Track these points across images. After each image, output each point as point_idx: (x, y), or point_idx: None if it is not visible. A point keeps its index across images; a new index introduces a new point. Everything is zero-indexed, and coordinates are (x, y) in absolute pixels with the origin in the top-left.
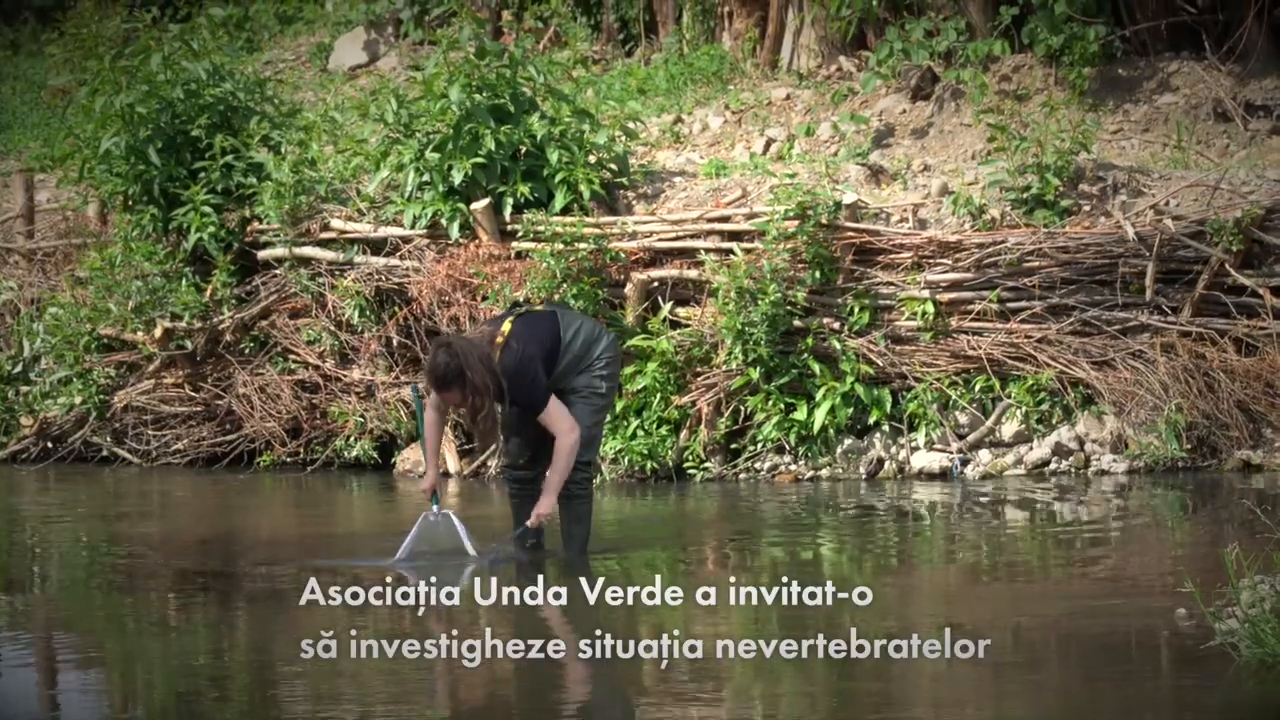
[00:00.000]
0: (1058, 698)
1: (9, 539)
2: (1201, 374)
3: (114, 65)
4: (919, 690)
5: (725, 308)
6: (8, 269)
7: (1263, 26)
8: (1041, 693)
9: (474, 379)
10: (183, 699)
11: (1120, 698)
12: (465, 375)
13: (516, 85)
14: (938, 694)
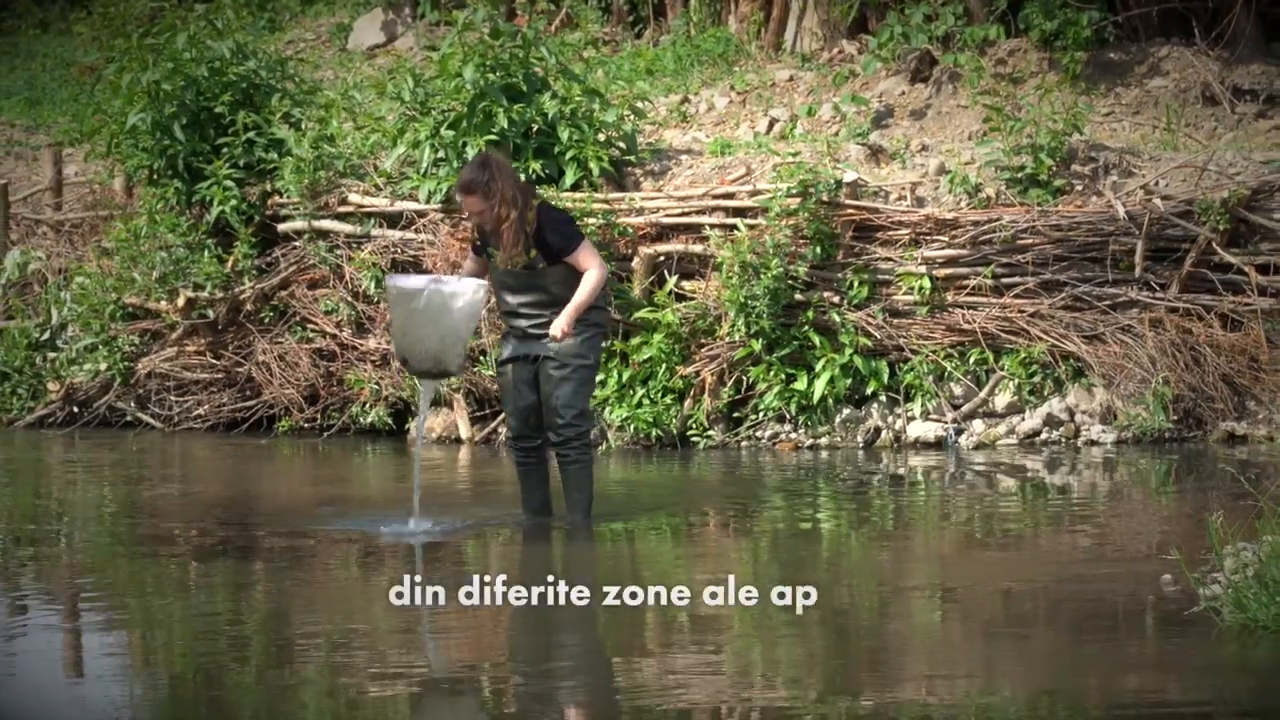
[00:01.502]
0: (1044, 656)
1: (36, 500)
2: (1188, 348)
3: (140, 44)
4: (914, 653)
5: (729, 281)
6: (36, 239)
7: (1250, 13)
8: (1031, 656)
9: (502, 189)
10: (201, 656)
11: (1107, 660)
12: (493, 184)
13: (529, 65)
14: (931, 658)
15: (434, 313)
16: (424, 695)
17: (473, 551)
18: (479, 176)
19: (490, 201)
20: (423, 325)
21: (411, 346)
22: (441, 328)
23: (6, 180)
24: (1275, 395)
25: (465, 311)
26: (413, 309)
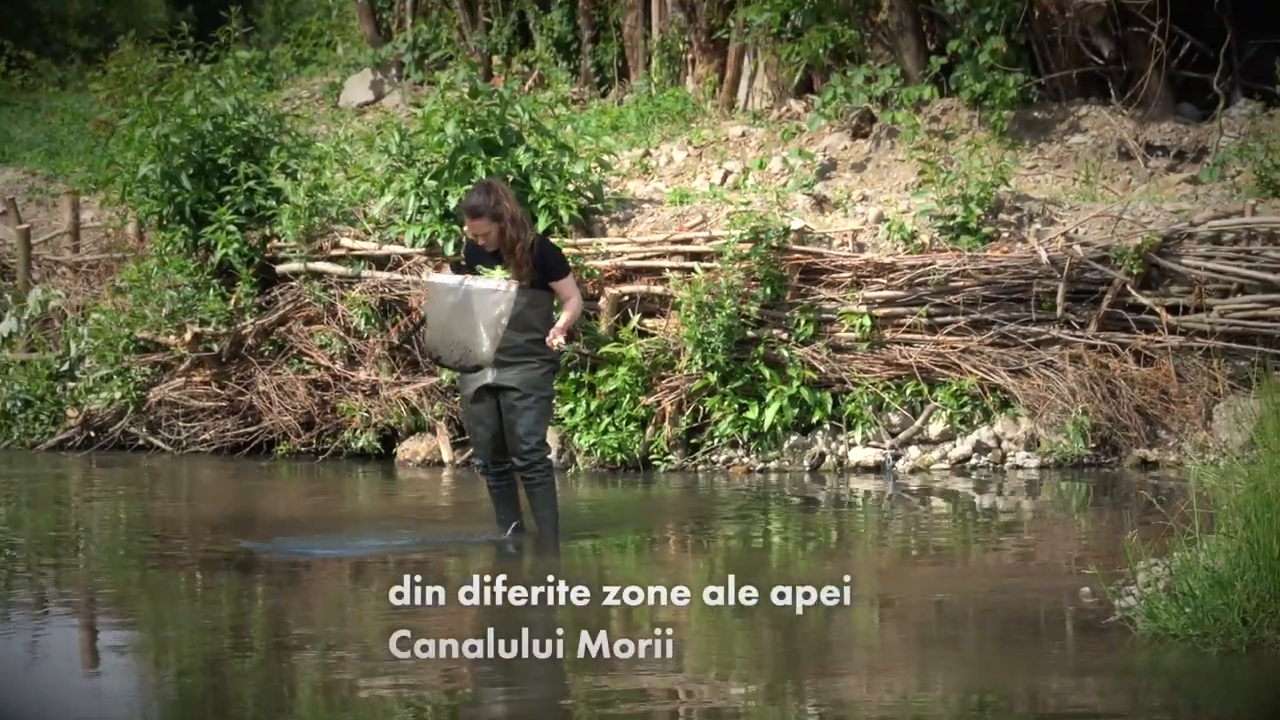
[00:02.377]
0: (976, 664)
1: (57, 516)
2: (1105, 382)
3: (151, 100)
4: (854, 657)
5: (687, 319)
6: (56, 279)
7: (1161, 77)
8: (957, 655)
9: (511, 211)
10: (208, 658)
11: (1031, 664)
12: (500, 206)
13: (505, 122)
14: (871, 661)
15: (467, 306)
16: (399, 689)
17: (460, 560)
18: (486, 200)
19: (500, 223)
20: (457, 318)
21: (445, 339)
22: (473, 320)
23: (29, 225)
24: (1184, 425)
25: (497, 305)
26: (448, 302)
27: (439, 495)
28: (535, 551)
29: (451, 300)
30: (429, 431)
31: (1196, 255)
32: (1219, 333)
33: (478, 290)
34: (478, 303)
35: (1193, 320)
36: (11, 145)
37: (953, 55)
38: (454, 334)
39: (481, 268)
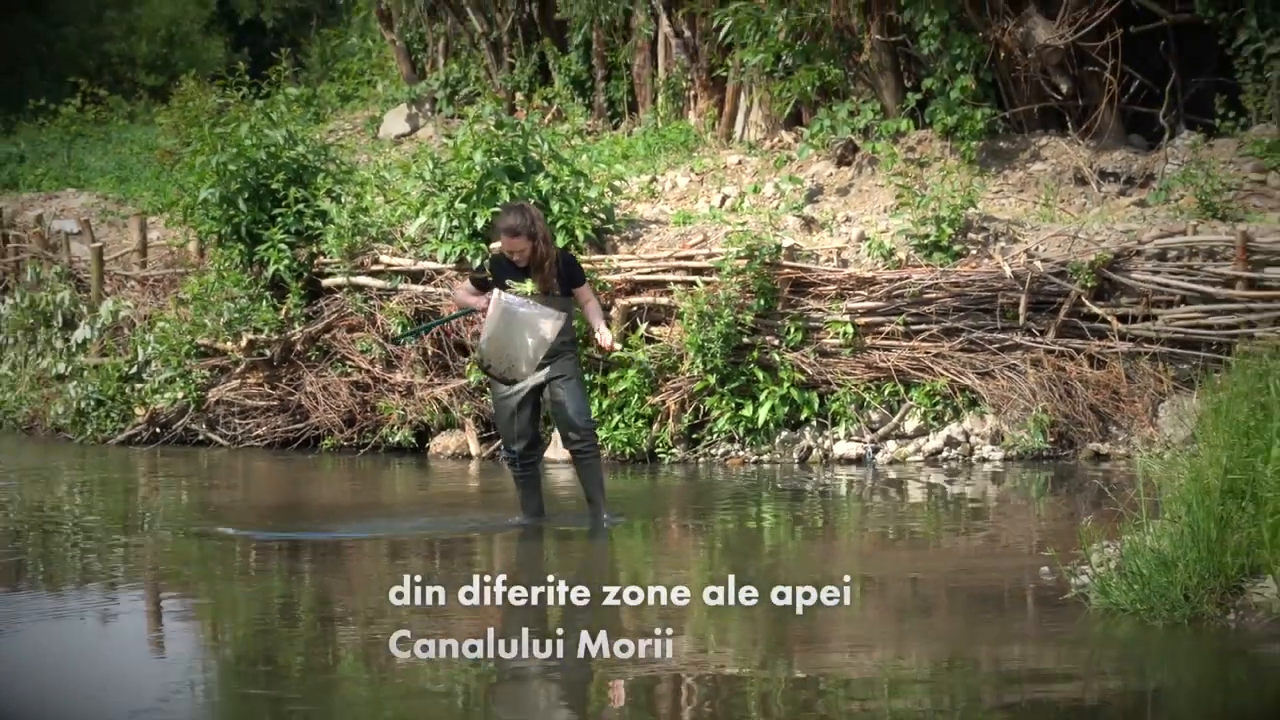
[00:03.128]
0: (941, 631)
1: (125, 502)
2: (1062, 383)
3: (211, 132)
4: (837, 631)
5: (689, 327)
6: (126, 291)
7: (1113, 110)
8: (930, 627)
9: (542, 231)
10: (262, 638)
11: (995, 636)
12: (534, 226)
13: (527, 151)
14: (852, 634)
15: (526, 326)
16: (412, 656)
17: (483, 549)
18: (523, 221)
19: (534, 241)
20: (516, 336)
21: (499, 353)
22: (524, 339)
23: (102, 243)
24: (1132, 421)
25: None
26: (513, 322)
27: (465, 484)
28: (591, 530)
29: (516, 321)
30: (458, 428)
31: (1144, 270)
32: (1164, 339)
33: (539, 314)
34: (539, 324)
35: (1140, 328)
36: (86, 172)
37: (927, 92)
38: (507, 349)
39: (511, 281)
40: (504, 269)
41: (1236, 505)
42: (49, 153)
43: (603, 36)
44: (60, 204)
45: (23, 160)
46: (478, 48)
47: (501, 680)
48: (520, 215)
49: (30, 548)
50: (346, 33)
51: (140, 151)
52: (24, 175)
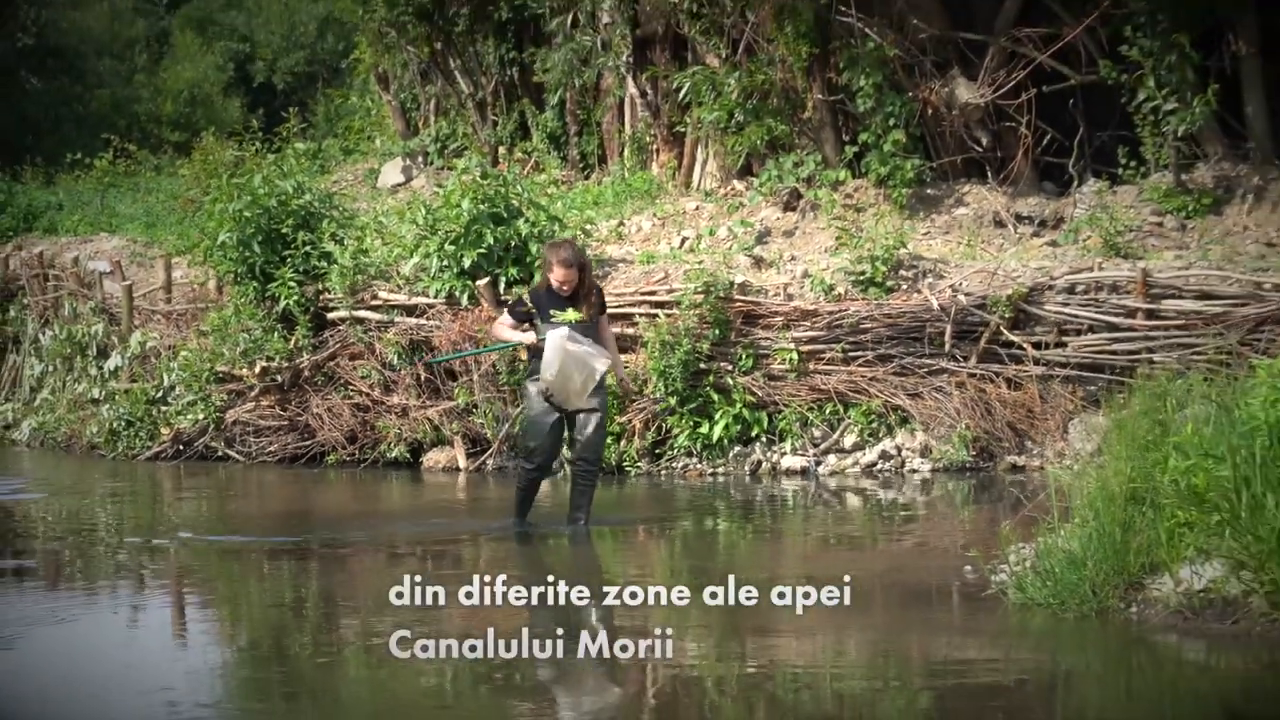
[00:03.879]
0: (880, 627)
1: (152, 512)
2: (983, 403)
3: (228, 182)
4: (785, 622)
5: (652, 355)
6: (153, 324)
7: (1028, 161)
8: (866, 621)
9: (587, 263)
10: (274, 636)
11: (924, 626)
12: (583, 259)
13: (508, 199)
14: (798, 624)
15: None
16: (410, 650)
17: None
18: (575, 253)
19: (584, 272)
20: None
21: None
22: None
23: (131, 282)
24: (1045, 436)
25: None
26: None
27: (455, 494)
28: (573, 535)
29: (575, 359)
30: (448, 444)
31: (1055, 302)
32: (1073, 364)
33: (595, 354)
34: (594, 363)
35: (1052, 354)
36: (117, 218)
37: (863, 145)
38: (568, 383)
39: (554, 310)
40: (546, 300)
41: (1138, 511)
42: (84, 201)
43: (575, 97)
44: (94, 247)
45: (61, 208)
46: (465, 107)
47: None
48: (572, 249)
49: (68, 550)
50: (348, 94)
51: (166, 200)
52: (62, 222)
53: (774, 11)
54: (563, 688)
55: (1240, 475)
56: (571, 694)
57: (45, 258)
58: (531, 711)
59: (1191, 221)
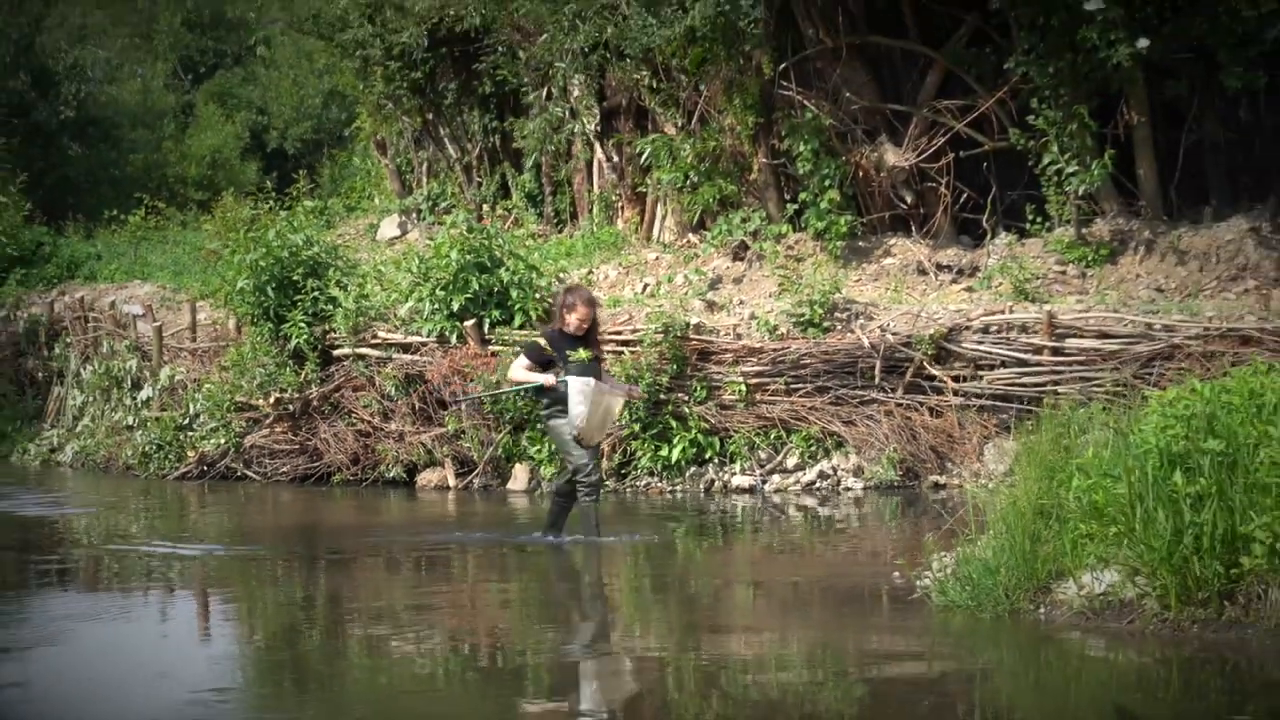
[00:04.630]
0: (815, 623)
1: (180, 525)
2: (909, 429)
3: (245, 236)
4: (731, 617)
5: None
6: (179, 360)
7: (947, 217)
8: (806, 620)
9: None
10: (287, 633)
11: (858, 625)
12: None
13: (491, 250)
14: (745, 621)
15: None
16: (414, 645)
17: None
18: (593, 296)
19: (597, 314)
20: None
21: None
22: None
23: (161, 323)
24: (964, 458)
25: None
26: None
27: (446, 508)
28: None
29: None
30: (440, 465)
31: (971, 341)
32: (987, 394)
33: (618, 396)
34: (615, 405)
35: (969, 386)
36: (148, 267)
37: (802, 203)
38: (596, 425)
39: (569, 350)
40: (561, 342)
41: (1045, 524)
42: (120, 252)
43: (550, 161)
44: (128, 292)
45: (99, 258)
46: (453, 170)
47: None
48: (588, 292)
49: (105, 557)
50: (350, 158)
51: (191, 251)
52: (100, 270)
53: (724, 86)
54: (546, 675)
55: (1135, 493)
56: (555, 680)
57: (85, 302)
58: (512, 694)
59: (1091, 270)
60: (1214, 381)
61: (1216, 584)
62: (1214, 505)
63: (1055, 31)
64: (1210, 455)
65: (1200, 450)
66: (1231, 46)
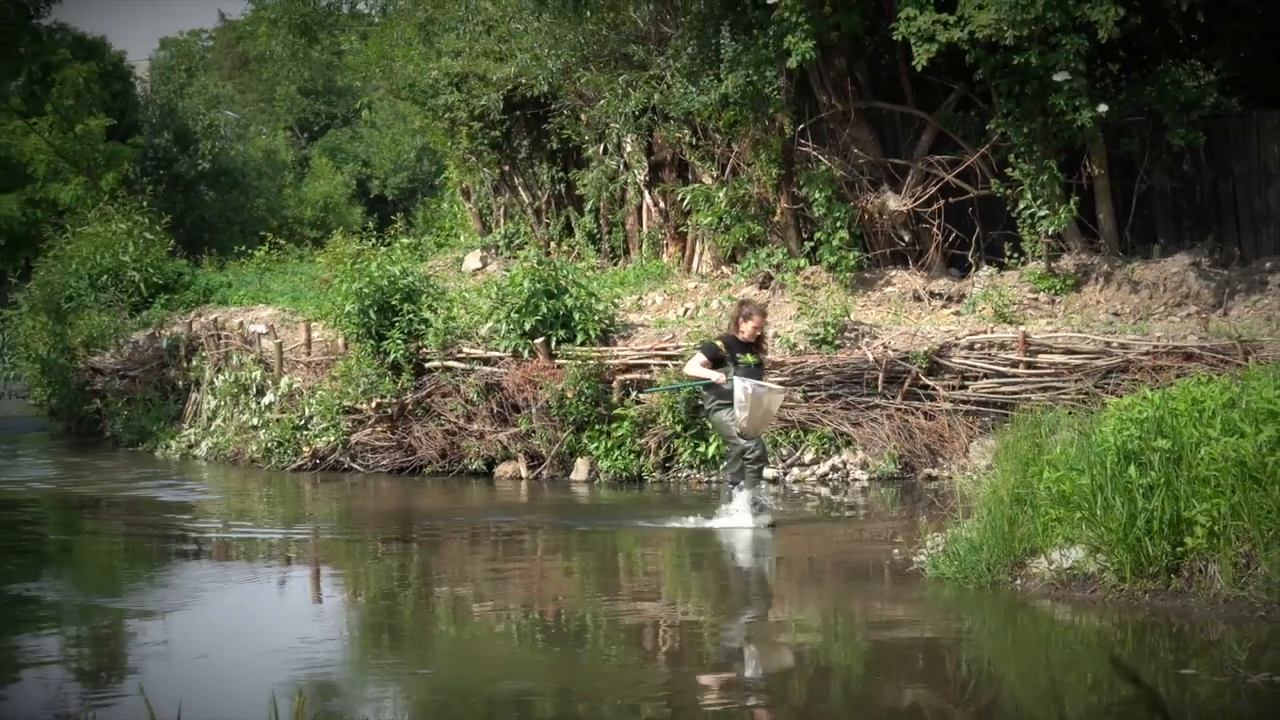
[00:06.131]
0: (828, 592)
1: (295, 509)
2: (906, 429)
3: (351, 268)
4: (757, 589)
5: (664, 394)
6: (297, 371)
7: (939, 253)
8: (820, 590)
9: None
10: (386, 598)
11: (864, 594)
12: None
13: (558, 279)
14: (767, 593)
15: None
16: (495, 613)
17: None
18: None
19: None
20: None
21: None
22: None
23: (281, 340)
24: (953, 454)
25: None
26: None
27: (515, 497)
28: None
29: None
30: (514, 459)
31: (959, 356)
32: (972, 401)
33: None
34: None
35: (957, 394)
36: (270, 293)
37: (817, 241)
38: (759, 420)
39: (739, 354)
40: (734, 345)
41: (1020, 509)
42: (247, 281)
43: (606, 205)
44: (254, 314)
45: (230, 286)
46: (525, 213)
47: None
48: (763, 305)
49: (230, 537)
50: (440, 203)
51: (306, 280)
52: (230, 296)
53: (752, 143)
54: (602, 631)
55: (1095, 483)
56: (606, 635)
57: (218, 322)
58: (574, 645)
59: (1059, 297)
60: (1162, 391)
61: (1164, 560)
62: (1162, 494)
63: (1029, 98)
64: (1159, 452)
65: (1151, 448)
66: (1176, 111)
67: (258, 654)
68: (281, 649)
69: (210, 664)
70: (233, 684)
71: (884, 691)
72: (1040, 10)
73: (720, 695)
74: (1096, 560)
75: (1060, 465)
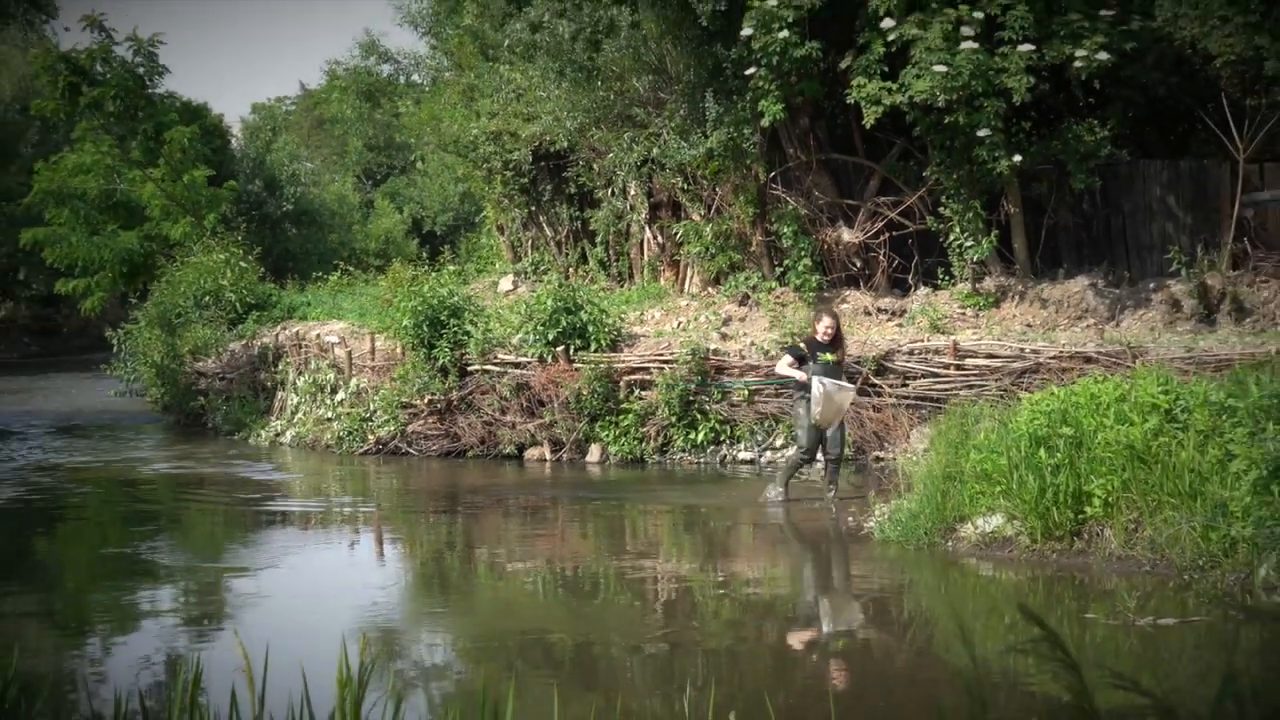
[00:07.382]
0: (797, 555)
1: (364, 485)
2: (859, 419)
3: (407, 289)
4: (739, 553)
5: (661, 391)
6: (364, 374)
7: (885, 276)
8: (789, 551)
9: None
10: (436, 558)
11: (823, 555)
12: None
13: (575, 299)
14: (743, 552)
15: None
16: (526, 567)
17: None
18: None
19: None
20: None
21: (827, 420)
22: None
23: (350, 348)
24: (897, 440)
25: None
26: (832, 398)
27: (540, 476)
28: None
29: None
30: (540, 445)
31: (901, 360)
32: (912, 396)
33: (849, 392)
34: (845, 397)
35: (900, 391)
36: (342, 311)
37: (785, 267)
38: (831, 415)
39: (819, 352)
40: (814, 345)
41: (951, 484)
42: (322, 300)
43: (615, 239)
44: (328, 328)
45: (309, 305)
46: (548, 245)
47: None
48: (834, 308)
49: (309, 508)
50: (479, 237)
51: (371, 300)
52: (309, 313)
53: (733, 188)
54: (612, 584)
55: (1012, 463)
56: (613, 587)
57: (299, 334)
58: (590, 601)
59: (982, 312)
60: (1066, 388)
61: (1068, 526)
62: (1066, 472)
63: (957, 150)
64: (1064, 438)
65: (1057, 434)
66: (1077, 160)
67: (332, 603)
68: (351, 599)
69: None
70: (312, 629)
71: (840, 630)
72: (966, 79)
73: (708, 635)
74: (1013, 526)
75: (984, 448)
